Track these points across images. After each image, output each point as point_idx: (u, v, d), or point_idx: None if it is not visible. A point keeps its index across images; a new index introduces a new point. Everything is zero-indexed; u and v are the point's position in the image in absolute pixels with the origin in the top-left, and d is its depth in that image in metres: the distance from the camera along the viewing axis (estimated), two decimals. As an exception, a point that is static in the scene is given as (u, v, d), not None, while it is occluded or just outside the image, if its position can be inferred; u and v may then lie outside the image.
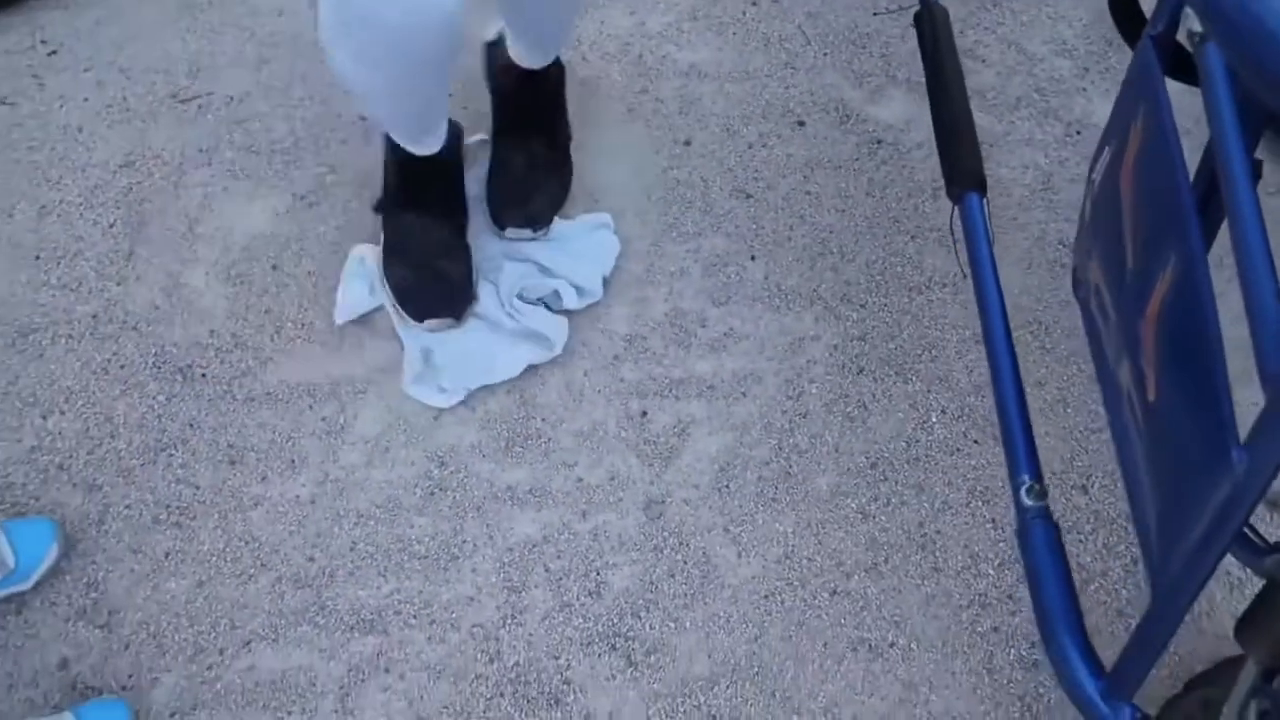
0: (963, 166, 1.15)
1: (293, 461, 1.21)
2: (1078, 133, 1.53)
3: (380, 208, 1.34)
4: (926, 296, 1.37)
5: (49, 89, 1.54)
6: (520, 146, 1.40)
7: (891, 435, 1.25)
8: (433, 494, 1.19)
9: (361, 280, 1.32)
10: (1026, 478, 0.84)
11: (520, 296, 1.32)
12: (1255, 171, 0.64)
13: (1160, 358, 0.61)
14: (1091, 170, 0.83)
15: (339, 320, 1.30)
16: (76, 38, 1.60)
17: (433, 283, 1.29)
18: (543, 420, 1.25)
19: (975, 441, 1.25)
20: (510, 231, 1.37)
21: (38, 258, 1.36)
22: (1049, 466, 1.23)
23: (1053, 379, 1.30)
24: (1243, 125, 0.62)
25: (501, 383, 1.27)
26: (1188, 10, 0.60)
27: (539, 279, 1.32)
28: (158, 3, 1.65)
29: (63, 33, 1.60)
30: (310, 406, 1.25)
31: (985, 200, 1.14)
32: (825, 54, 1.61)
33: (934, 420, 1.27)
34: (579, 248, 1.37)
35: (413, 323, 1.29)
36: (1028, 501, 0.83)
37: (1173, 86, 0.80)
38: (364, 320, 1.31)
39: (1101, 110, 1.55)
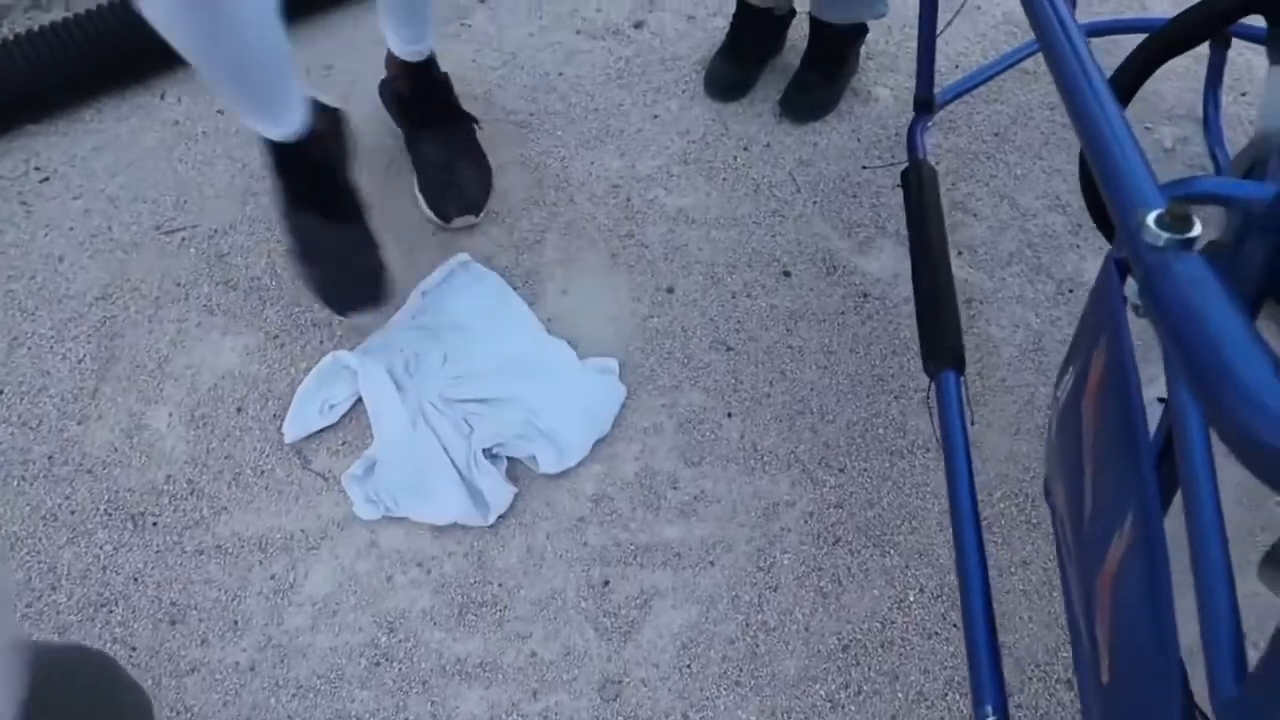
0: (940, 343, 1.11)
1: (235, 623, 1.16)
2: (1070, 291, 1.49)
3: (282, 213, 1.39)
4: (909, 461, 1.32)
5: (36, 216, 1.54)
6: (436, 140, 1.53)
7: (866, 614, 1.19)
8: (378, 664, 1.13)
9: (313, 399, 1.31)
10: (989, 710, 0.77)
11: (491, 451, 1.28)
12: None
13: (1113, 640, 0.56)
14: (1057, 386, 0.79)
15: (288, 439, 1.28)
16: (71, 164, 1.61)
17: (347, 278, 1.36)
18: (500, 586, 1.20)
19: (955, 625, 1.19)
20: (456, 221, 1.49)
21: (1, 392, 1.34)
22: (1032, 657, 1.16)
23: (1038, 558, 1.24)
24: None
25: (460, 543, 1.22)
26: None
27: (517, 441, 1.28)
28: (157, 130, 1.66)
29: (58, 159, 1.62)
30: (260, 562, 1.21)
31: (963, 379, 1.09)
32: (815, 202, 1.59)
33: (911, 599, 1.20)
34: (578, 396, 1.34)
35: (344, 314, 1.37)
36: (988, 739, 0.76)
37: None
38: (325, 470, 1.28)
39: (1094, 269, 1.52)
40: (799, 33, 1.76)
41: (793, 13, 1.76)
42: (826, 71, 1.71)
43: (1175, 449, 0.53)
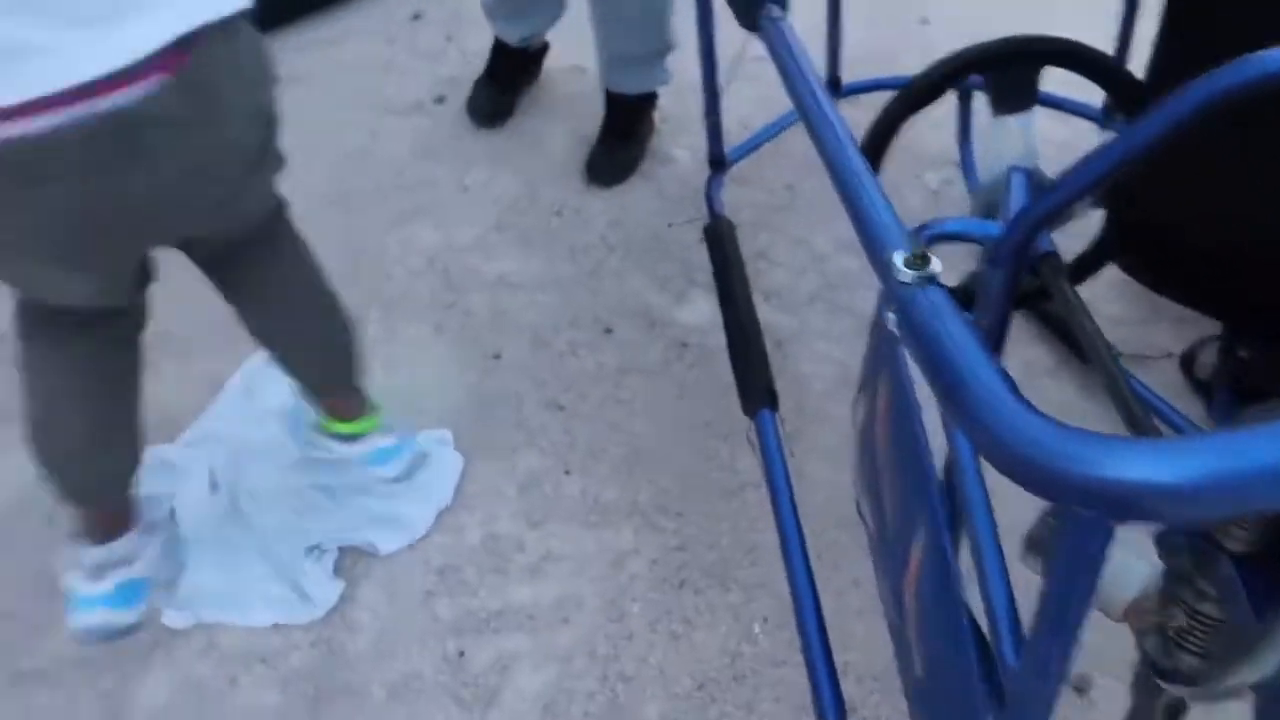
0: (753, 384, 1.19)
1: (64, 752, 1.09)
2: (869, 325, 1.62)
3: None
4: (742, 499, 1.38)
5: None
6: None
7: (717, 652, 1.24)
8: (228, 773, 1.09)
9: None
10: (832, 726, 0.83)
11: (319, 546, 1.26)
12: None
13: (922, 636, 0.62)
14: (853, 414, 0.87)
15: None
16: None
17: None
18: (352, 673, 1.17)
19: (800, 651, 1.25)
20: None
21: None
22: (871, 671, 1.24)
23: (868, 578, 1.31)
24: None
25: (307, 633, 1.19)
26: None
27: (352, 532, 1.26)
28: None
29: None
30: (87, 679, 1.14)
31: (778, 415, 1.17)
32: (628, 260, 1.66)
33: (757, 630, 1.26)
34: (416, 472, 1.33)
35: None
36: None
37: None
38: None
39: (888, 302, 1.65)
40: (597, 99, 1.85)
41: (545, 47, 1.88)
42: (625, 136, 1.81)
43: (950, 460, 0.61)
